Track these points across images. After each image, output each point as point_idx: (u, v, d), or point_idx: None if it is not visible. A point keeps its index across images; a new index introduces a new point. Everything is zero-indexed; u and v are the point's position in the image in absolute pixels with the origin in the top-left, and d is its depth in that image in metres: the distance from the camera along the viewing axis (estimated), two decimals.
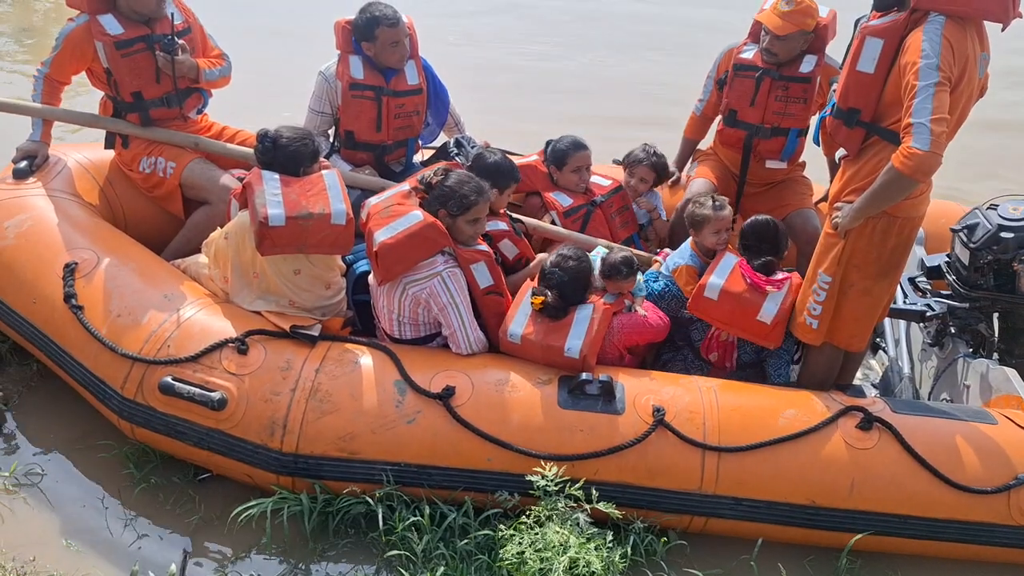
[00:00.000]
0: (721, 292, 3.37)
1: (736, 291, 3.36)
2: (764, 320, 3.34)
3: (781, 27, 3.94)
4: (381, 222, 3.22)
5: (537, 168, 4.19)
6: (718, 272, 3.42)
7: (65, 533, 3.05)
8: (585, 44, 9.75)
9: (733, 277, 3.39)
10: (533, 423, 3.00)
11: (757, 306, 3.34)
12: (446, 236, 3.23)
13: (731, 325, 3.43)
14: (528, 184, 4.17)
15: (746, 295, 3.35)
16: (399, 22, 3.95)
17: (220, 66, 4.13)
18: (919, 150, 2.68)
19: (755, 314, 3.34)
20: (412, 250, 3.18)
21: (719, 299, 3.37)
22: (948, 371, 3.68)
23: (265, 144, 3.33)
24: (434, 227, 3.20)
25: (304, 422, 2.98)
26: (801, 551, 3.12)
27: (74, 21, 3.81)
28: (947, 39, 2.70)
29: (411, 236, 3.17)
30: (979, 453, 3.02)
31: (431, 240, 3.20)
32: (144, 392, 3.10)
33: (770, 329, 3.35)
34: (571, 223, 4.05)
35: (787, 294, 3.36)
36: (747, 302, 3.35)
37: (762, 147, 4.25)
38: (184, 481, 3.25)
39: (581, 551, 2.69)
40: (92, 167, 4.09)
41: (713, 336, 3.56)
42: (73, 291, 3.32)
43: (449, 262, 3.26)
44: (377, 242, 3.16)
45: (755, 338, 3.43)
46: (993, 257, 3.47)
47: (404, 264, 3.19)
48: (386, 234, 3.16)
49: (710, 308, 3.41)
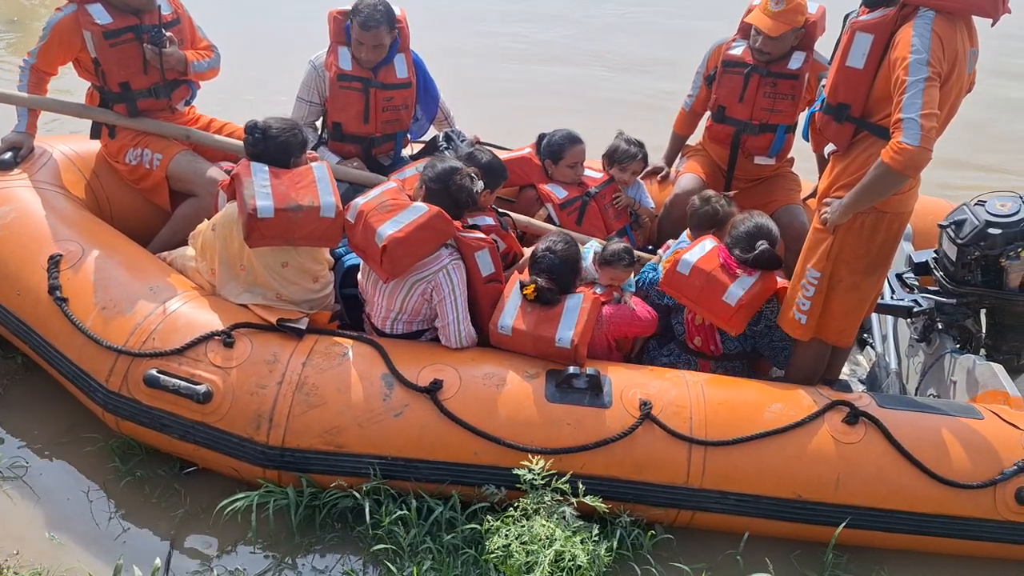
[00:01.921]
0: (693, 268, 3.37)
1: (706, 269, 3.36)
2: (728, 302, 3.31)
3: (773, 27, 3.94)
4: (382, 217, 3.16)
5: (531, 161, 4.20)
6: (695, 250, 3.43)
7: (49, 526, 3.03)
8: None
9: (708, 256, 3.40)
10: (520, 417, 2.99)
11: (724, 287, 3.32)
12: (453, 226, 3.21)
13: (697, 303, 3.41)
14: (523, 177, 4.17)
15: (715, 274, 3.35)
16: (374, 26, 3.87)
17: (208, 58, 4.10)
18: (909, 145, 2.68)
19: (721, 294, 3.32)
20: (422, 242, 3.15)
21: (690, 274, 3.37)
22: (935, 367, 3.69)
23: (255, 135, 3.31)
24: (442, 217, 3.18)
25: (290, 415, 2.97)
26: (787, 545, 3.12)
27: (62, 10, 3.78)
28: (937, 34, 2.70)
29: (421, 228, 3.13)
30: (965, 448, 3.03)
31: (440, 231, 3.18)
32: (129, 385, 3.08)
33: (733, 312, 3.32)
34: (567, 215, 4.05)
35: (757, 283, 3.34)
36: (715, 281, 3.34)
37: (750, 143, 4.26)
38: (170, 474, 3.23)
39: (567, 544, 2.68)
40: (78, 159, 4.06)
41: (690, 320, 3.55)
42: (58, 283, 3.29)
43: (453, 254, 3.25)
44: (384, 236, 3.09)
45: (718, 320, 3.39)
46: (981, 253, 3.47)
47: (412, 258, 3.16)
48: (392, 228, 3.11)
49: (680, 283, 3.41)
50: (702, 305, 3.40)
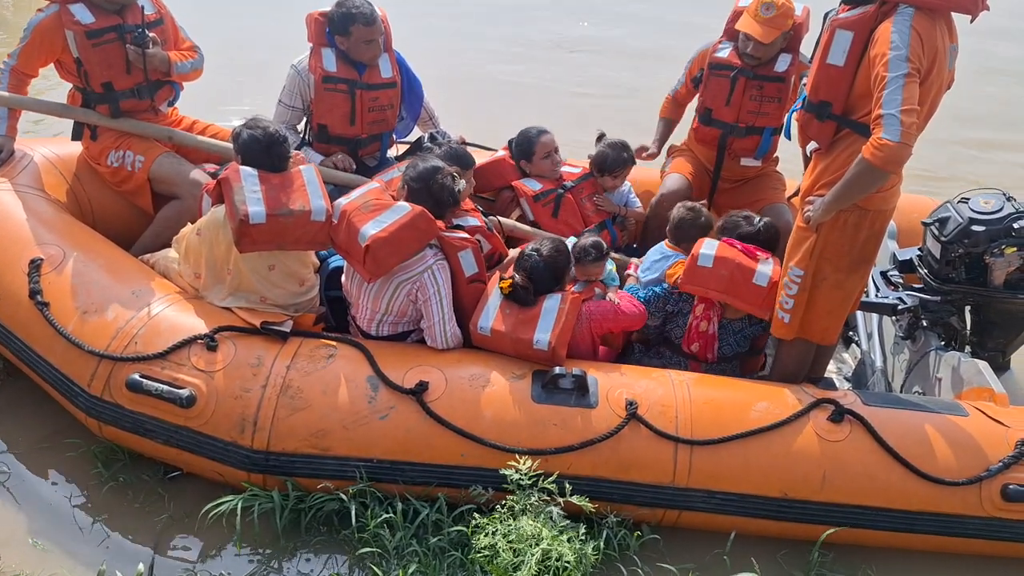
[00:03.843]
0: (715, 259, 3.38)
1: (729, 256, 3.38)
2: (760, 283, 3.35)
3: (765, 34, 3.95)
4: (364, 217, 3.15)
5: (505, 161, 4.23)
6: (706, 246, 3.43)
7: (32, 532, 3.00)
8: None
9: (723, 248, 3.42)
10: (507, 418, 2.98)
11: (752, 270, 3.36)
12: (436, 226, 3.21)
13: (727, 292, 3.39)
14: (499, 179, 4.17)
15: (739, 259, 3.38)
16: (375, 20, 3.91)
17: (192, 59, 4.08)
18: (890, 141, 2.68)
19: (751, 277, 3.35)
20: (406, 242, 3.14)
21: (714, 266, 3.37)
22: (920, 364, 3.70)
23: (242, 139, 3.29)
24: (425, 216, 3.17)
25: (275, 419, 2.95)
26: (774, 544, 3.12)
27: (43, 11, 3.76)
28: (916, 30, 2.71)
29: (404, 227, 3.12)
30: (951, 445, 3.04)
31: (423, 231, 3.17)
32: (111, 389, 3.05)
33: (766, 293, 3.34)
34: (541, 207, 4.07)
35: (775, 263, 3.38)
36: (742, 266, 3.36)
37: (736, 145, 4.26)
38: (153, 479, 3.21)
39: (554, 543, 2.68)
40: (59, 162, 4.03)
41: (694, 327, 3.55)
42: (39, 287, 3.27)
43: (438, 255, 3.24)
44: (367, 236, 3.08)
45: (750, 306, 3.40)
46: (964, 250, 3.48)
47: (396, 258, 3.14)
48: (375, 227, 3.10)
49: (705, 278, 3.39)
50: (733, 293, 3.39)
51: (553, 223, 4.05)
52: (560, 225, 4.05)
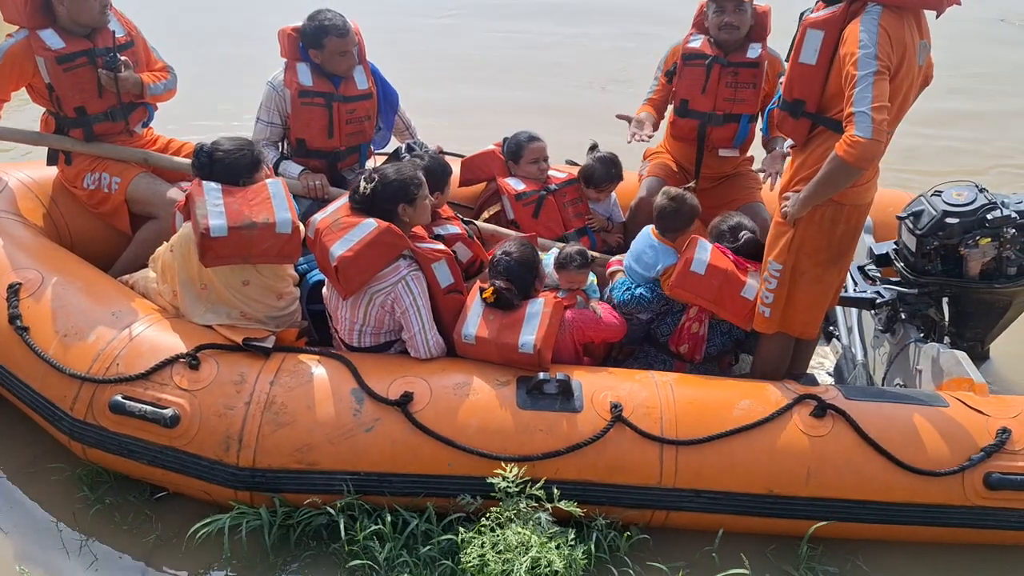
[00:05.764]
0: (708, 267, 3.40)
1: (722, 266, 3.41)
2: (747, 296, 3.38)
3: None
4: (333, 236, 3.17)
5: (494, 154, 4.31)
6: (700, 250, 3.45)
7: (18, 559, 2.98)
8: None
9: (716, 255, 3.45)
10: (493, 425, 2.98)
11: (741, 283, 3.39)
12: (404, 239, 3.21)
13: (715, 302, 3.43)
14: (486, 170, 4.25)
15: (731, 271, 3.41)
16: (348, 32, 3.93)
17: (165, 79, 4.07)
18: (861, 138, 2.72)
19: (739, 289, 3.39)
20: (373, 259, 3.14)
21: (706, 273, 3.40)
22: (900, 356, 3.73)
23: (201, 159, 3.28)
24: (391, 232, 3.17)
25: (260, 435, 2.94)
26: (762, 541, 3.14)
27: (13, 37, 3.74)
28: (884, 28, 2.75)
29: (369, 245, 3.12)
30: (932, 436, 3.06)
31: (390, 246, 3.17)
32: (94, 412, 3.04)
33: (751, 306, 3.38)
34: (522, 207, 4.11)
35: (759, 277, 3.40)
36: (733, 277, 3.40)
37: (715, 135, 4.29)
38: (140, 500, 3.19)
39: (543, 551, 2.68)
40: (35, 186, 4.01)
41: (684, 328, 3.57)
42: (18, 312, 3.25)
43: (412, 266, 3.24)
44: (335, 256, 3.10)
45: (734, 317, 3.44)
46: (939, 243, 3.51)
47: (366, 274, 3.15)
48: (342, 247, 3.11)
49: (696, 284, 3.42)
50: (720, 304, 3.43)
51: (533, 223, 4.09)
52: (539, 227, 4.08)
